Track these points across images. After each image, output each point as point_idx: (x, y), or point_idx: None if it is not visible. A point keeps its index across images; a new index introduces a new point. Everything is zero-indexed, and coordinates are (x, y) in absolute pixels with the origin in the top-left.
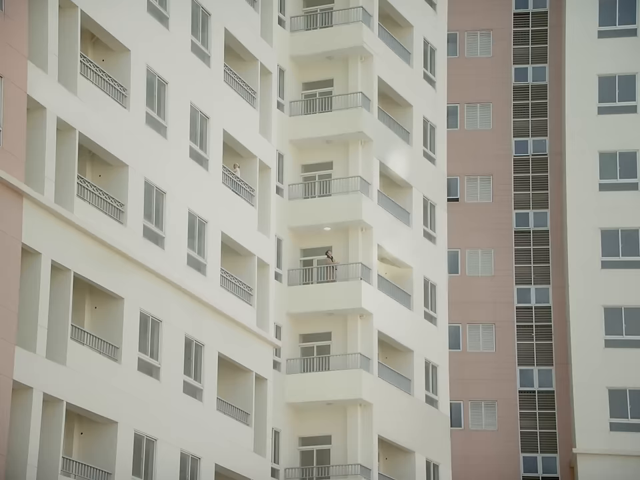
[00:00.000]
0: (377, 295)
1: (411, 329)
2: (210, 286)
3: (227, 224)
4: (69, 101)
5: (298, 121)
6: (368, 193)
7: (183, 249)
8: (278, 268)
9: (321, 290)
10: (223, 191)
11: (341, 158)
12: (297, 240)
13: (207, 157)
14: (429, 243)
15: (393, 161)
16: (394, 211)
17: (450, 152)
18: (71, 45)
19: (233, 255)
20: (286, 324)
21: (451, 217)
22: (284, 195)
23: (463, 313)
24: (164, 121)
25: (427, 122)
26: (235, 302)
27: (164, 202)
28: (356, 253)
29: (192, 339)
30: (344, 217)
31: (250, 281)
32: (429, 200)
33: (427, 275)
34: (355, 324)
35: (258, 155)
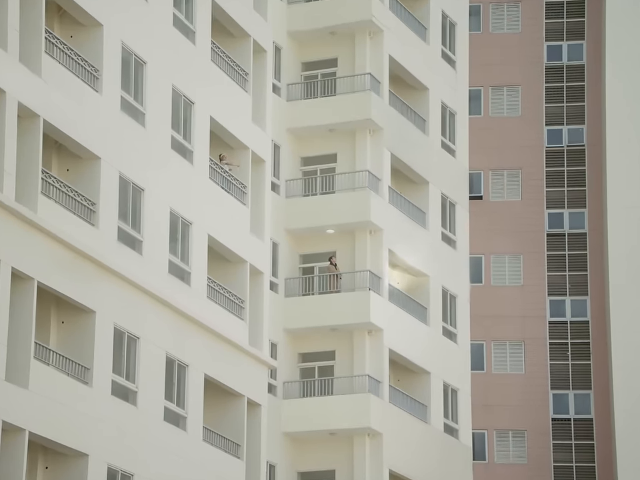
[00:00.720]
0: (387, 307)
1: (427, 347)
2: (195, 297)
3: (215, 225)
4: (32, 83)
5: (297, 107)
6: (377, 189)
7: (163, 255)
8: (273, 276)
9: (323, 302)
10: (210, 187)
11: (346, 149)
12: (295, 244)
13: (192, 149)
14: (448, 247)
15: (407, 153)
16: (408, 210)
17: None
18: (35, 18)
19: (222, 261)
20: (283, 341)
21: (473, 217)
22: (280, 192)
23: (487, 329)
24: (142, 106)
25: (446, 108)
26: (223, 316)
27: (142, 200)
28: (364, 259)
29: (174, 359)
30: (350, 218)
31: (241, 292)
32: (448, 198)
33: (446, 284)
34: (362, 341)
35: (250, 146)
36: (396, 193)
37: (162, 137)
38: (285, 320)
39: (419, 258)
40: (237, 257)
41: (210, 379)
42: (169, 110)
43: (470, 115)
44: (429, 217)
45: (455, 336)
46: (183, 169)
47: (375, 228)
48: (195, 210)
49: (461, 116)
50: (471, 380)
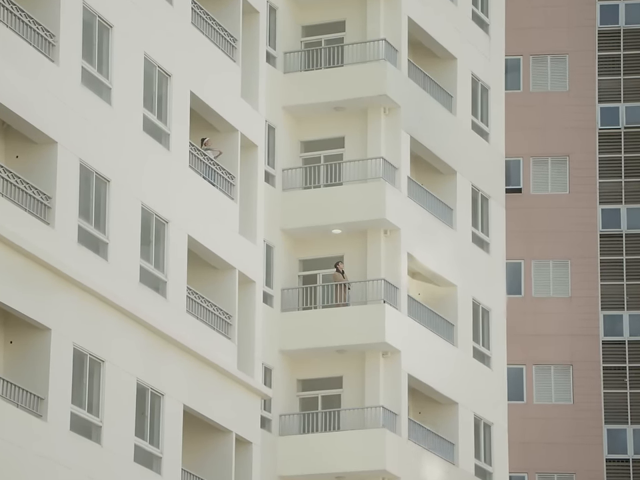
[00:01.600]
0: (406, 324)
1: (454, 373)
2: (172, 312)
3: (196, 225)
4: None
5: (296, 80)
6: (394, 181)
7: (134, 261)
8: (267, 286)
9: (327, 318)
10: (191, 178)
11: (355, 132)
12: (294, 247)
13: (168, 131)
14: (480, 251)
15: (430, 136)
16: (431, 206)
17: (509, 123)
18: None
19: (205, 268)
20: (279, 365)
21: (510, 214)
22: (276, 184)
23: (527, 350)
24: (107, 79)
25: (478, 81)
26: (206, 334)
27: (107, 193)
28: (377, 266)
29: (147, 387)
30: (360, 215)
31: (228, 305)
32: (480, 191)
33: (478, 296)
34: (375, 365)
35: (240, 128)
36: (416, 184)
37: (132, 117)
38: (282, 339)
39: (445, 264)
40: (223, 262)
41: (190, 411)
42: (141, 84)
43: (507, 90)
44: (457, 214)
45: (488, 359)
46: (158, 155)
47: (390, 227)
48: (172, 206)
49: (495, 91)
50: (508, 412)
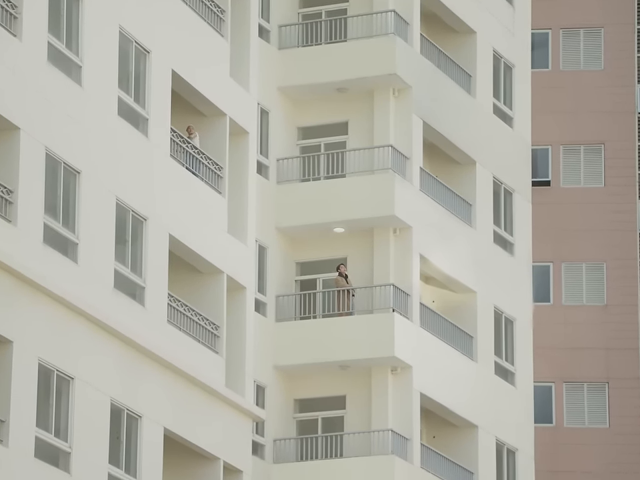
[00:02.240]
0: (418, 336)
1: (473, 391)
2: (151, 322)
3: (179, 222)
4: None
5: (292, 58)
6: (404, 172)
7: (107, 263)
8: (260, 293)
9: (329, 328)
10: (173, 169)
11: (361, 116)
12: (290, 248)
13: (147, 115)
14: (503, 252)
15: (445, 121)
16: (447, 201)
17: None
18: None
19: (189, 272)
20: (273, 383)
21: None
22: (270, 176)
23: (557, 366)
24: (77, 56)
25: (500, 59)
26: (190, 347)
27: (77, 187)
28: (385, 269)
29: (122, 407)
30: (366, 211)
31: (215, 315)
32: (503, 184)
33: (500, 304)
34: (383, 383)
35: (228, 112)
36: (430, 176)
37: (105, 99)
38: (277, 353)
39: (463, 267)
40: (209, 265)
41: (172, 436)
42: (115, 62)
43: (533, 69)
44: (477, 211)
45: (512, 375)
46: (135, 143)
47: (400, 225)
48: (152, 201)
49: (520, 70)
50: (535, 437)
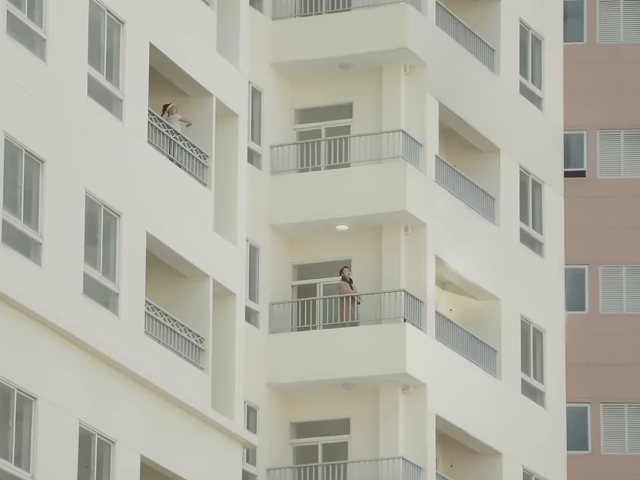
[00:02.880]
0: (434, 349)
1: (497, 413)
2: (126, 333)
3: (158, 219)
4: None
5: (289, 29)
6: (418, 161)
7: (76, 265)
8: (252, 300)
9: (330, 341)
10: (151, 157)
11: (367, 97)
12: (286, 249)
13: (121, 96)
14: (531, 253)
15: (464, 103)
16: (466, 194)
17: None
18: None
19: (169, 276)
20: (267, 404)
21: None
22: (263, 166)
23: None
24: (40, 28)
25: (528, 30)
26: (171, 363)
27: (41, 177)
28: (396, 273)
29: (93, 431)
30: (373, 207)
31: (200, 325)
32: (532, 174)
33: (528, 312)
34: (393, 404)
35: (215, 92)
36: (447, 166)
37: (74, 77)
38: (271, 370)
39: (485, 270)
40: (193, 268)
41: (150, 464)
42: (84, 33)
43: (566, 42)
44: (501, 205)
45: (541, 395)
46: (107, 128)
47: (413, 222)
48: (126, 194)
49: (551, 43)
50: (568, 466)
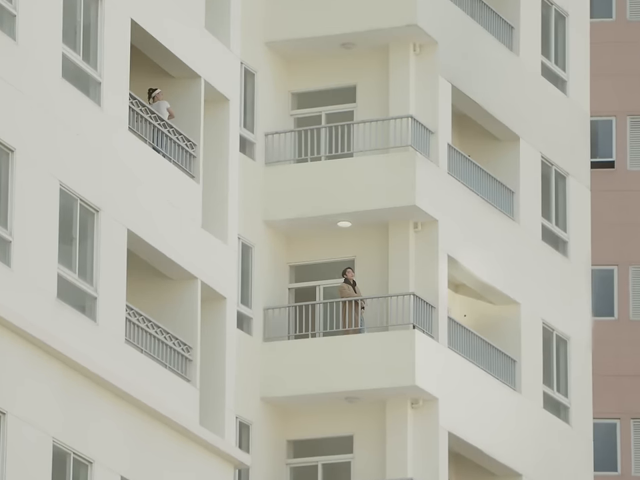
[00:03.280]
0: (446, 359)
1: (516, 430)
2: (104, 341)
3: (140, 215)
4: None
5: (285, 5)
6: (428, 150)
7: (49, 266)
8: (244, 305)
9: (331, 350)
10: (133, 147)
11: (373, 80)
12: (282, 248)
13: (99, 78)
14: (555, 253)
15: (480, 86)
16: (482, 187)
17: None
18: None
19: (153, 278)
20: (261, 419)
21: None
22: (256, 156)
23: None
24: (9, 3)
25: (551, 5)
26: (155, 374)
27: (10, 168)
28: (404, 274)
29: (67, 450)
30: (380, 201)
31: (187, 332)
32: (554, 165)
33: (551, 318)
34: (401, 420)
35: (203, 74)
36: (461, 156)
37: (47, 57)
38: (265, 382)
39: (502, 272)
40: (179, 269)
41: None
42: (59, 9)
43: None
44: (520, 200)
45: (565, 410)
46: (84, 113)
47: (423, 218)
48: (105, 187)
49: (576, 20)
50: None
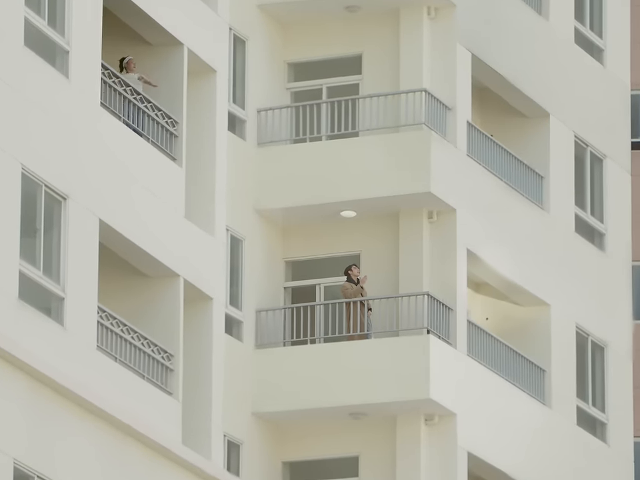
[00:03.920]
0: (465, 369)
1: (546, 451)
2: (73, 348)
3: (113, 202)
4: None
5: None
6: (445, 129)
7: (9, 262)
8: (234, 306)
9: (333, 359)
10: (106, 124)
11: (381, 48)
12: (277, 241)
13: (67, 46)
14: (590, 247)
15: (504, 55)
16: (506, 171)
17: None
18: None
19: (129, 275)
20: (252, 438)
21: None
22: (247, 135)
23: None
24: None
25: None
26: (131, 386)
27: None
28: (417, 271)
29: (31, 472)
30: (388, 187)
31: (168, 338)
32: (590, 146)
33: (585, 322)
34: (413, 438)
35: (186, 42)
36: (483, 136)
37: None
38: (258, 396)
39: (530, 268)
40: (158, 265)
41: None
42: None
43: None
44: (551, 186)
45: (602, 427)
46: (49, 86)
47: (439, 207)
48: (74, 171)
49: None
50: None
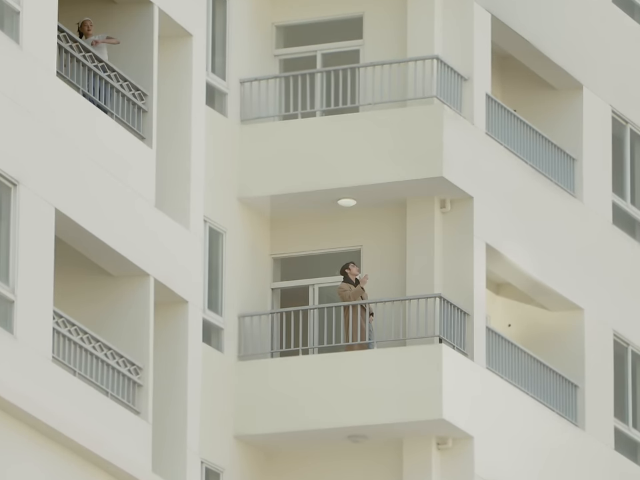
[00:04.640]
0: (483, 383)
1: (579, 478)
2: (24, 360)
3: (72, 190)
4: None
5: None
6: (460, 103)
7: None
8: (212, 311)
9: (330, 371)
10: (61, 97)
11: (385, 8)
12: (264, 235)
13: (17, 6)
14: (630, 241)
15: (529, 17)
16: (532, 152)
17: None
18: None
19: (90, 274)
20: (235, 465)
21: None
22: (228, 111)
23: None
24: None
25: None
26: (93, 404)
27: None
28: (428, 270)
29: None
30: (394, 172)
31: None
32: (630, 123)
33: (624, 329)
34: (423, 464)
35: (156, 0)
36: (505, 111)
37: None
38: (241, 416)
39: (559, 267)
40: (124, 264)
41: None
42: None
43: None
44: (584, 169)
45: None
46: None
47: (454, 195)
48: (26, 154)
49: None
50: None
